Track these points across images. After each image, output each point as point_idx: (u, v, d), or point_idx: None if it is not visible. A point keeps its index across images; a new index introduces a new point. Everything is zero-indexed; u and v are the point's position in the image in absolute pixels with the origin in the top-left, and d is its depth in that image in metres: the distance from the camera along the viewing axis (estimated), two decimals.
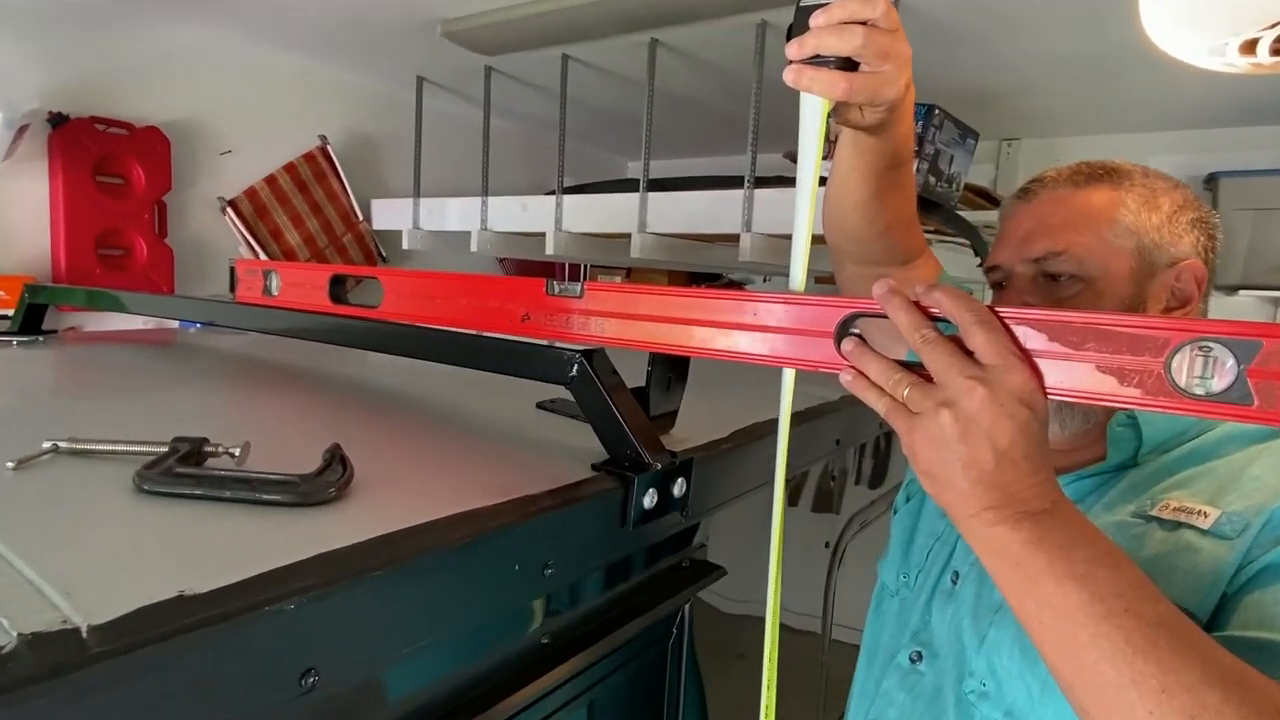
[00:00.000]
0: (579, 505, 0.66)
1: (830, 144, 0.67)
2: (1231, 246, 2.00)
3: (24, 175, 1.65)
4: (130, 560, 0.48)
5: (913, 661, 0.78)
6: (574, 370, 0.72)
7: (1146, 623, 0.44)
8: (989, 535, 0.49)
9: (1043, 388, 0.48)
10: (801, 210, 0.59)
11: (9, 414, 0.86)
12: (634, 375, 0.78)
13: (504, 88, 2.16)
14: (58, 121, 1.65)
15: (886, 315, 0.53)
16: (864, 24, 0.57)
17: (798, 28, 0.59)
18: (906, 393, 0.51)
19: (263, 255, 2.02)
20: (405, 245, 2.26)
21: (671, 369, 0.81)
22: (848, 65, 0.58)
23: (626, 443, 0.71)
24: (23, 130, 1.61)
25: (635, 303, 0.68)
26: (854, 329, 0.56)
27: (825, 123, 0.59)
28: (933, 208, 1.48)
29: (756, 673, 0.63)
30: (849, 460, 1.40)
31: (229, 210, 1.97)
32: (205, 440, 0.66)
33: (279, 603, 0.44)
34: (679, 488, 0.75)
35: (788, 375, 0.60)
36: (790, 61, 0.59)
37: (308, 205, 2.16)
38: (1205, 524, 0.58)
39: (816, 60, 0.58)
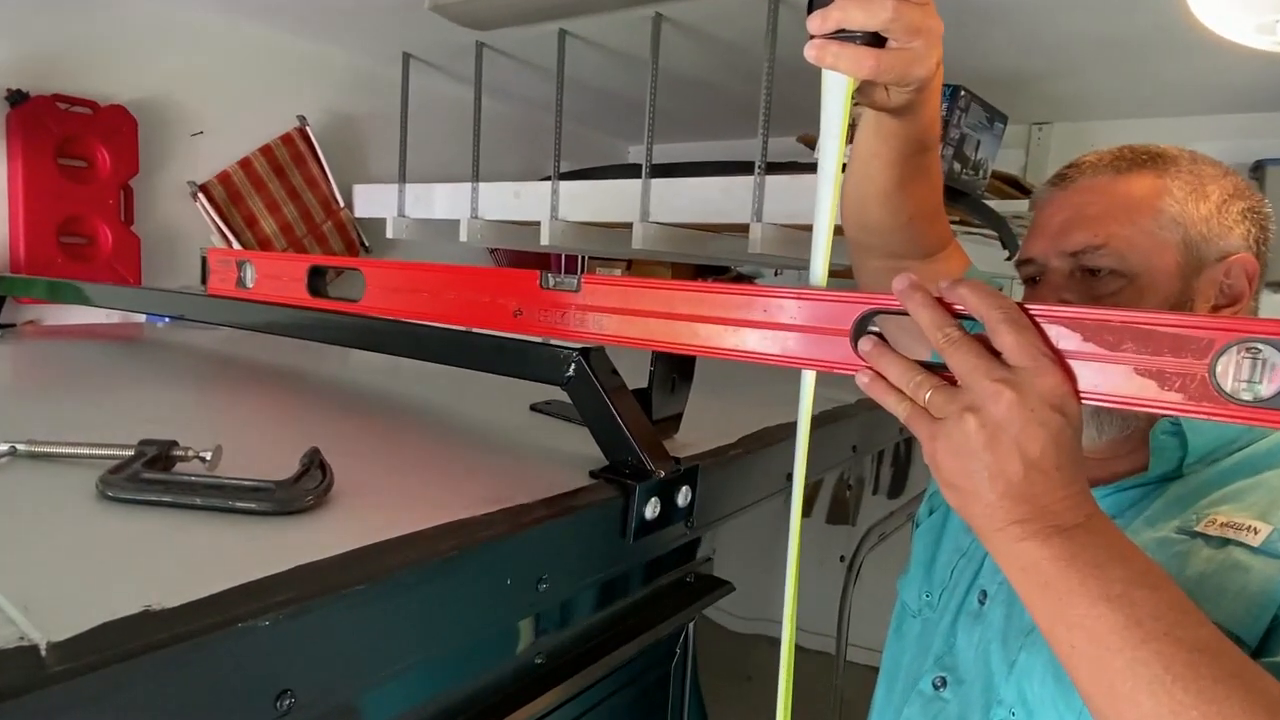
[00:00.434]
0: (576, 515, 0.66)
1: (850, 128, 0.66)
2: None
3: None
4: (93, 572, 0.48)
5: (936, 688, 0.77)
6: (571, 370, 0.73)
7: (1187, 648, 0.44)
8: (1017, 551, 0.49)
9: (1076, 392, 0.48)
10: (823, 199, 0.58)
11: None
12: (635, 376, 0.78)
13: (497, 66, 2.15)
14: (17, 100, 1.65)
15: (907, 312, 0.52)
16: None
17: (819, 0, 0.58)
18: (928, 396, 0.50)
19: (236, 244, 2.02)
20: (390, 234, 2.26)
21: (676, 369, 0.81)
22: (874, 41, 0.57)
23: (627, 448, 0.71)
24: None
25: (637, 297, 0.68)
26: (872, 327, 0.55)
27: (849, 103, 0.59)
28: (958, 196, 1.48)
29: (765, 696, 0.63)
30: (866, 468, 1.40)
31: (200, 196, 1.97)
32: (174, 443, 0.66)
33: (253, 619, 0.44)
34: (683, 497, 0.75)
35: (808, 376, 0.59)
36: (812, 36, 0.58)
37: (285, 191, 2.15)
38: (1256, 541, 0.58)
39: (840, 35, 0.57)
